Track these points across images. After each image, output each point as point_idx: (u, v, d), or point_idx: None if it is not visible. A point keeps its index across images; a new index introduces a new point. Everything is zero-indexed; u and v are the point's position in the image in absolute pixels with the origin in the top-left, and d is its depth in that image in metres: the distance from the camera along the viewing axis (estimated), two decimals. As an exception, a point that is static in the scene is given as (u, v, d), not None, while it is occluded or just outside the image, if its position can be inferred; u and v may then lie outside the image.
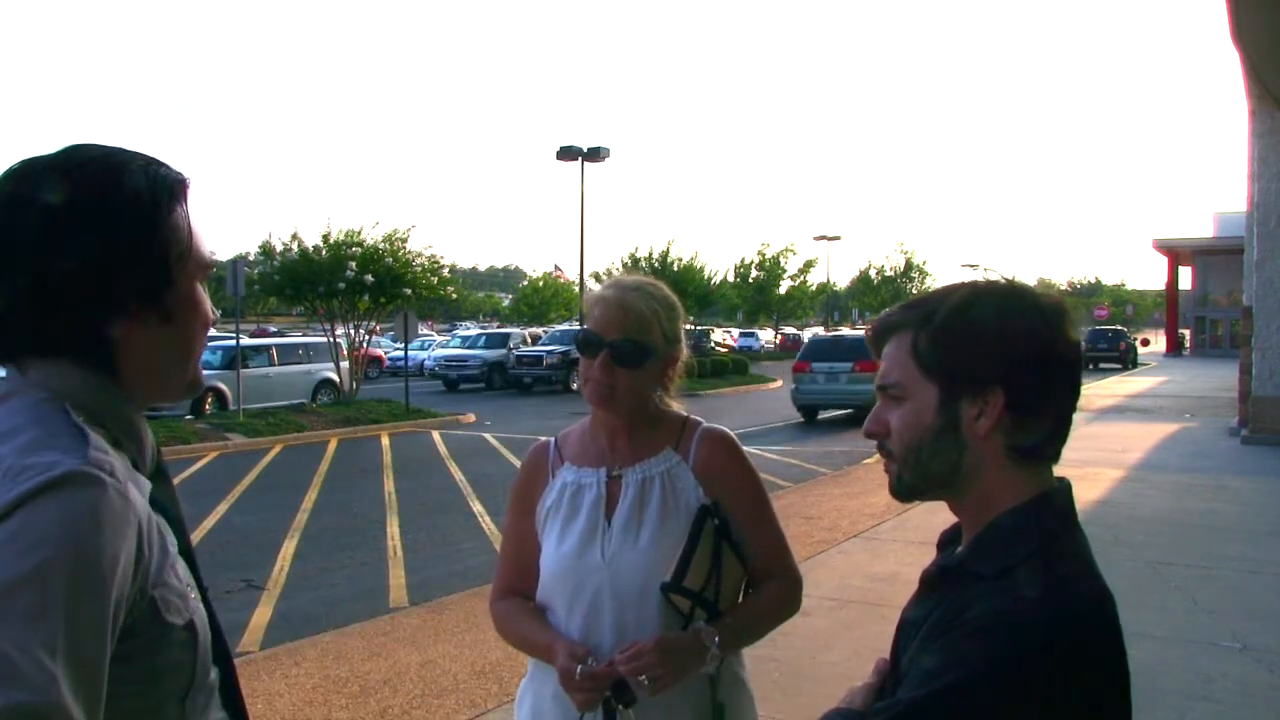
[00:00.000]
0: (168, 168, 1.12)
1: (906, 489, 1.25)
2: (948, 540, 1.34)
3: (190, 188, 1.14)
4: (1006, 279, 1.25)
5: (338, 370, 21.38)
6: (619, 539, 1.90)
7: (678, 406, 2.05)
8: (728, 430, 2.02)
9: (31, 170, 1.06)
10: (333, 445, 16.30)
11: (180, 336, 1.13)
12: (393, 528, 9.61)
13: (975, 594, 1.15)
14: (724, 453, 1.98)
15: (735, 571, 1.90)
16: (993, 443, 1.19)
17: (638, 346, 1.89)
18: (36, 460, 0.95)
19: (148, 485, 1.08)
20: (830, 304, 71.31)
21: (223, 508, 10.56)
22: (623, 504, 1.92)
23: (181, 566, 1.10)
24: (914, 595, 1.31)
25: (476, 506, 10.64)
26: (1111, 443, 14.17)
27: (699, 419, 2.03)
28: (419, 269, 21.22)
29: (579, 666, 1.76)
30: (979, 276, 1.28)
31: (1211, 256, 49.89)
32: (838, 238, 57.30)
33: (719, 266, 52.08)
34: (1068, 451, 1.25)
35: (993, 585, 1.14)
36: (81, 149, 1.09)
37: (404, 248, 21.11)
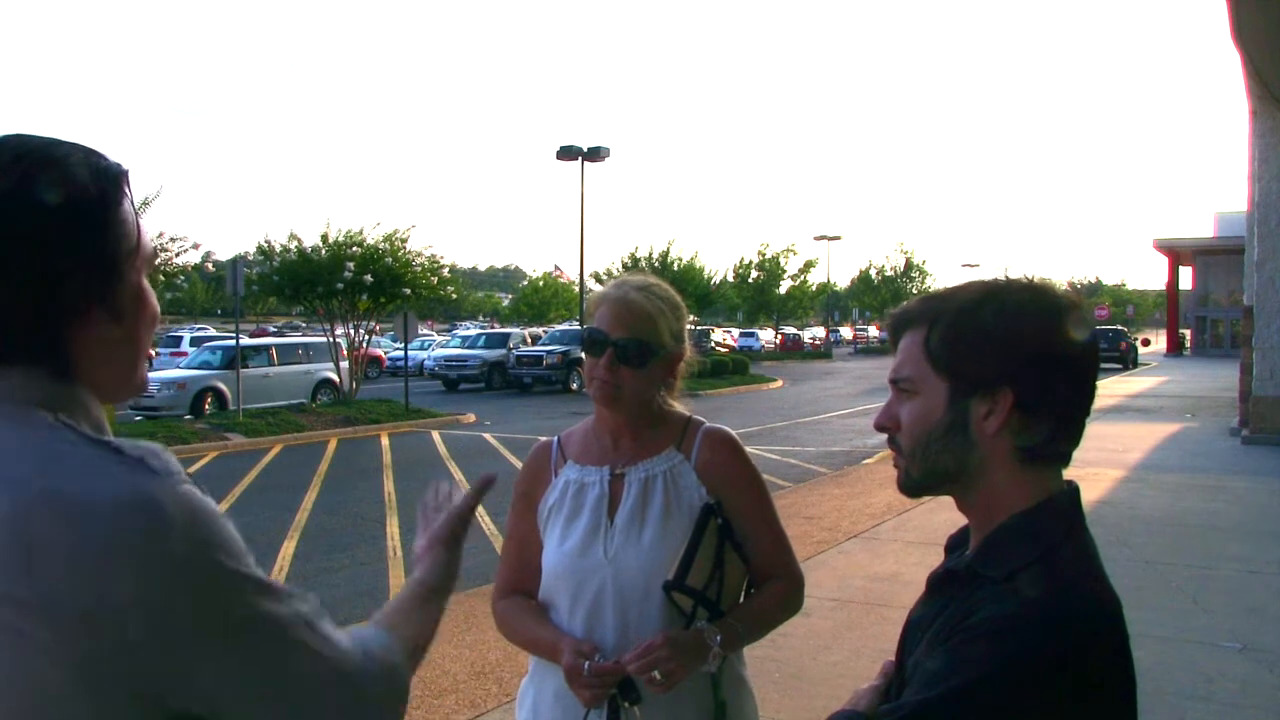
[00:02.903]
0: (107, 158, 1.07)
1: (914, 484, 1.25)
2: (956, 543, 1.34)
3: (130, 178, 1.09)
4: (1026, 278, 1.23)
5: (337, 370, 21.38)
6: (622, 537, 1.90)
7: (680, 407, 2.05)
8: (730, 430, 2.02)
9: None
10: (332, 445, 16.29)
11: (131, 335, 1.08)
12: (393, 528, 9.60)
13: (982, 597, 1.15)
14: (727, 452, 1.98)
15: (737, 571, 1.90)
16: (1001, 442, 1.19)
17: (643, 345, 1.89)
18: (96, 486, 0.92)
19: None
20: (830, 304, 71.33)
21: (222, 508, 10.43)
22: (625, 502, 1.92)
23: None
24: (921, 597, 1.31)
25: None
26: (1112, 443, 14.17)
27: (701, 419, 2.03)
28: (419, 269, 21.23)
29: (586, 663, 1.77)
30: (1000, 274, 1.27)
31: (1212, 256, 49.84)
32: (838, 238, 57.46)
33: (719, 266, 52.27)
34: (1067, 451, 1.24)
35: (999, 589, 1.14)
36: (17, 139, 1.03)
37: (404, 248, 21.13)
